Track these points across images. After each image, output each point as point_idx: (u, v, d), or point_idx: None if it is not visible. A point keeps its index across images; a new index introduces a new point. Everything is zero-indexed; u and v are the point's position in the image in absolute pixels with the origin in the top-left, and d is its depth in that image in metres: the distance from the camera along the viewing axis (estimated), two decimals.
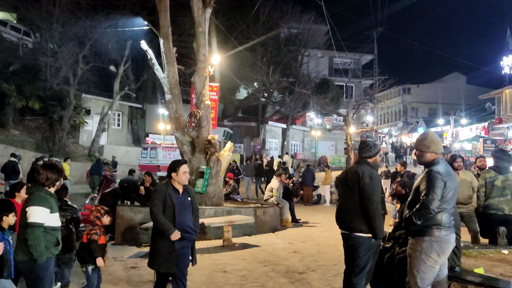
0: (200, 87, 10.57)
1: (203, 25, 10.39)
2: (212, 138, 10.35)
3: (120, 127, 29.81)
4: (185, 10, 22.97)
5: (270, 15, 30.37)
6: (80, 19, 24.29)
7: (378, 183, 4.35)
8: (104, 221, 5.13)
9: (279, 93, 35.53)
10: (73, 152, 23.87)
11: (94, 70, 28.79)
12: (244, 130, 33.92)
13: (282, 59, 32.23)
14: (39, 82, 23.14)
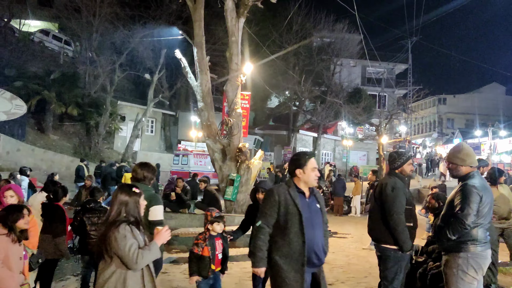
0: (232, 96, 10.68)
1: (236, 34, 10.52)
2: (243, 146, 10.42)
3: (153, 134, 30.44)
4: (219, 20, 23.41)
5: (303, 24, 30.42)
6: (118, 29, 25.12)
7: (401, 194, 4.23)
8: (216, 229, 4.46)
9: (310, 102, 35.38)
10: (107, 157, 24.53)
11: (129, 78, 29.67)
12: (275, 139, 33.91)
13: (314, 68, 32.14)
14: (78, 89, 24.04)
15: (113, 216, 2.92)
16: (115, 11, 25.65)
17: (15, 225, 3.64)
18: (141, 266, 2.89)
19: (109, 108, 24.00)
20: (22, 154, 19.24)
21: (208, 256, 4.30)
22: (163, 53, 25.82)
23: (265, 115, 37.35)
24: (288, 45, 27.95)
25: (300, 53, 31.04)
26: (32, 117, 22.22)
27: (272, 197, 3.41)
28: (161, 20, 26.87)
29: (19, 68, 23.60)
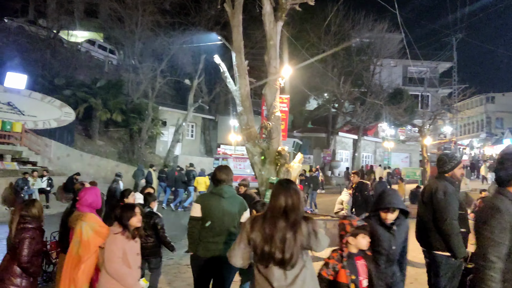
0: (271, 99, 10.69)
1: (275, 38, 10.53)
2: (282, 150, 10.40)
3: (194, 138, 31.00)
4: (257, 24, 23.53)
5: (341, 26, 30.07)
6: (159, 36, 25.83)
7: (454, 199, 4.08)
8: (360, 244, 3.32)
9: (350, 104, 34.87)
10: (150, 162, 25.22)
11: (170, 83, 30.42)
12: (314, 141, 33.65)
13: (353, 69, 31.67)
14: (122, 96, 24.91)
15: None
16: (156, 19, 26.42)
17: (129, 223, 3.80)
18: None
19: (151, 113, 24.68)
20: (71, 159, 20.13)
21: (347, 283, 3.19)
22: (202, 58, 26.29)
23: (304, 118, 37.17)
24: (326, 47, 27.72)
25: (339, 55, 30.68)
26: (80, 124, 23.21)
27: (503, 216, 2.43)
28: (200, 26, 27.40)
29: (68, 77, 24.77)
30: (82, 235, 4.20)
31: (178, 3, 27.35)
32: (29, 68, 22.66)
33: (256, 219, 2.92)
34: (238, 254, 2.96)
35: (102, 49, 31.97)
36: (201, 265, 4.20)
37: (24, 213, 3.92)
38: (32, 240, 3.79)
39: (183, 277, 7.23)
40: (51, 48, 27.90)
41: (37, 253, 3.85)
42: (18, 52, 24.51)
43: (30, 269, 3.76)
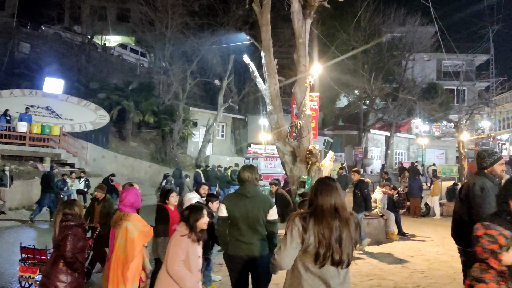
0: (300, 98, 10.63)
1: (303, 36, 10.47)
2: (313, 148, 10.32)
3: (224, 138, 31.24)
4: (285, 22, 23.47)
5: (371, 21, 29.52)
6: (189, 38, 26.17)
7: (491, 195, 3.90)
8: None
9: (381, 100, 34.19)
10: (182, 162, 25.61)
11: (200, 84, 30.76)
12: (345, 139, 33.23)
13: (384, 64, 31.04)
14: (153, 98, 25.40)
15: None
16: (185, 21, 26.77)
17: (196, 225, 3.73)
18: None
19: (182, 114, 25.03)
20: (106, 160, 20.69)
21: None
22: (232, 58, 26.44)
23: (334, 116, 36.73)
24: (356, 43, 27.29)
25: (369, 50, 30.12)
26: (113, 126, 23.84)
27: None
28: (228, 27, 27.56)
29: (102, 80, 25.48)
30: (127, 235, 4.33)
31: (207, 4, 27.60)
32: (65, 73, 23.46)
33: (306, 218, 2.82)
34: (290, 254, 2.81)
35: (133, 53, 32.72)
36: (233, 263, 4.29)
37: (66, 211, 4.07)
38: (74, 236, 3.92)
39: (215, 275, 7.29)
40: (85, 53, 28.79)
41: (80, 249, 3.97)
42: (55, 58, 25.42)
43: (74, 264, 3.89)
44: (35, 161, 17.80)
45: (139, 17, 30.23)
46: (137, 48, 33.14)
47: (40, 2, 30.47)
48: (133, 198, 4.57)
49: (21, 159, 17.42)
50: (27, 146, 17.35)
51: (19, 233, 11.95)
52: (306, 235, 2.76)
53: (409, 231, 11.62)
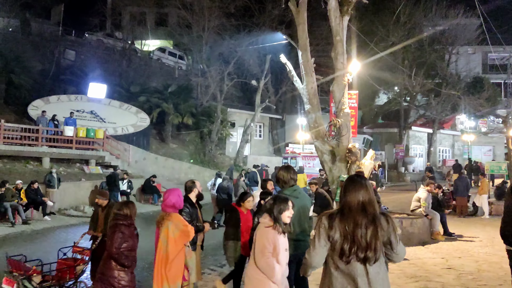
0: (339, 96, 10.47)
1: (341, 33, 10.29)
2: (353, 147, 10.14)
3: (262, 138, 31.30)
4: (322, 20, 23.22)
5: (411, 15, 28.66)
6: (225, 39, 26.43)
7: None
8: None
9: (423, 96, 33.17)
10: (220, 163, 25.88)
11: (237, 85, 30.98)
12: (385, 137, 32.48)
13: (426, 59, 30.07)
14: (192, 100, 25.84)
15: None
16: (222, 23, 27.05)
17: (280, 216, 3.67)
18: None
19: (220, 115, 25.30)
20: (148, 162, 21.25)
21: None
22: (268, 58, 26.45)
23: (374, 113, 35.98)
24: (395, 38, 26.59)
25: (410, 45, 29.28)
26: (154, 128, 24.43)
27: None
28: (264, 27, 27.63)
29: (142, 84, 26.18)
30: (169, 234, 4.44)
31: (243, 5, 27.79)
32: (108, 78, 24.28)
33: (332, 216, 2.86)
34: (319, 252, 2.85)
35: (172, 56, 33.41)
36: (290, 262, 4.33)
37: (116, 211, 4.25)
38: (120, 234, 4.07)
39: None
40: (126, 58, 29.69)
41: (130, 247, 4.11)
42: (98, 64, 26.37)
43: (119, 260, 4.04)
44: (81, 163, 18.53)
45: (176, 21, 30.86)
46: (175, 52, 33.82)
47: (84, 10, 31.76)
48: (175, 198, 4.67)
49: (69, 162, 18.18)
50: (74, 149, 18.08)
51: (68, 232, 12.48)
52: (331, 232, 2.80)
53: (456, 231, 11.18)
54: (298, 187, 4.58)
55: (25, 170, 16.20)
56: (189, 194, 5.29)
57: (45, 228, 12.75)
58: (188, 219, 4.90)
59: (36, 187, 13.84)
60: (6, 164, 16.03)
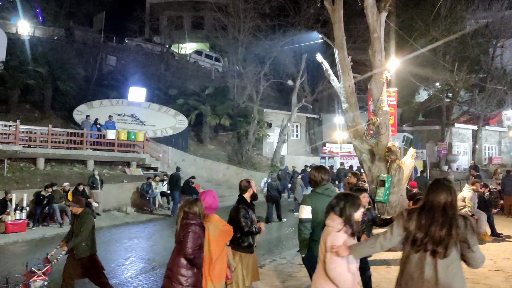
0: (377, 94, 10.28)
1: (378, 30, 10.11)
2: (392, 145, 9.93)
3: (299, 138, 31.16)
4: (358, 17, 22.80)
5: (452, 8, 27.64)
6: (261, 40, 26.51)
7: None
8: None
9: (466, 92, 31.91)
10: (258, 163, 25.98)
11: (273, 86, 31.02)
12: (426, 135, 31.52)
13: (469, 54, 28.89)
14: (228, 101, 26.10)
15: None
16: (257, 24, 27.17)
17: (352, 217, 3.33)
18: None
19: (256, 116, 25.41)
20: (186, 163, 21.64)
21: None
22: (304, 58, 26.31)
23: (414, 111, 34.96)
24: (435, 33, 25.73)
25: (451, 40, 28.25)
26: (192, 130, 24.86)
27: None
28: (300, 26, 27.47)
29: (180, 87, 26.72)
30: (209, 236, 4.52)
31: (277, 5, 27.77)
32: (147, 82, 24.94)
33: (412, 211, 3.13)
34: (393, 239, 3.13)
35: (208, 58, 33.89)
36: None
37: (186, 210, 4.32)
38: (194, 234, 4.15)
39: (297, 276, 7.29)
40: (164, 62, 30.40)
41: (199, 246, 4.19)
42: (138, 68, 27.15)
43: (193, 260, 4.14)
44: (123, 165, 19.13)
45: (212, 24, 31.26)
46: (211, 54, 34.29)
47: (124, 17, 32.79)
48: (211, 200, 4.75)
49: (111, 164, 18.81)
50: (116, 152, 18.69)
51: (112, 233, 12.93)
52: (408, 224, 3.08)
53: (504, 232, 10.69)
54: (331, 185, 4.52)
55: (71, 172, 16.91)
56: (244, 194, 5.21)
57: None
58: (245, 221, 4.92)
59: (81, 189, 14.44)
60: (54, 167, 16.80)
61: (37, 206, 13.10)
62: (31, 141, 16.57)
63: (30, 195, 13.55)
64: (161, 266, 8.69)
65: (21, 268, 8.63)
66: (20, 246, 11.05)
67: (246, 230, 4.93)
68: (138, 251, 10.47)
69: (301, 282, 6.89)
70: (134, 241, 11.70)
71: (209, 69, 32.58)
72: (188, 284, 4.14)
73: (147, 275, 8.15)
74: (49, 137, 16.87)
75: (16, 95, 19.87)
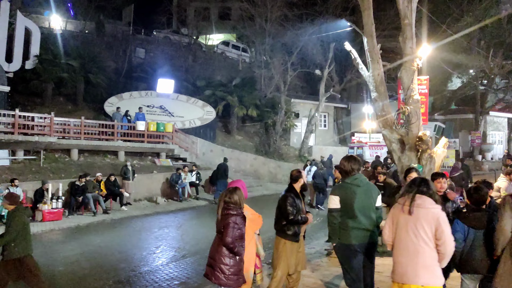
0: (407, 82, 10.03)
1: (409, 16, 9.82)
2: (423, 135, 9.69)
3: (327, 128, 30.87)
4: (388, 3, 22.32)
5: None
6: (288, 30, 26.29)
7: None
8: None
9: (502, 79, 30.73)
10: (285, 154, 25.93)
11: (300, 75, 30.78)
12: (459, 123, 30.64)
13: (505, 39, 27.76)
14: (256, 92, 26.08)
15: None
16: (284, 13, 26.94)
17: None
18: None
19: (283, 106, 25.30)
20: (214, 154, 21.84)
21: None
22: (332, 47, 25.93)
23: (446, 99, 33.98)
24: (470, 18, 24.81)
25: (486, 25, 27.18)
26: (219, 121, 25.02)
27: None
28: (327, 14, 27.08)
29: (207, 78, 26.88)
30: None
31: None
32: (175, 73, 25.22)
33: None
34: (508, 223, 3.74)
35: (235, 49, 33.91)
36: (352, 252, 4.35)
37: (227, 200, 4.37)
38: (235, 224, 4.22)
39: (325, 266, 7.29)
40: (192, 53, 30.62)
41: (240, 236, 4.26)
42: (166, 60, 27.47)
43: (234, 249, 4.22)
44: (152, 156, 19.49)
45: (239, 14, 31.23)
46: (238, 44, 34.29)
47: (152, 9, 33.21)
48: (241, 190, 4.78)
49: (141, 155, 19.21)
50: (146, 143, 19.06)
51: (143, 222, 13.25)
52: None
53: None
54: (361, 175, 4.51)
55: (104, 163, 17.37)
56: (294, 184, 5.23)
57: (122, 218, 13.64)
58: (291, 210, 4.94)
59: (113, 179, 14.83)
60: (87, 158, 17.31)
61: (71, 196, 13.56)
62: (65, 132, 17.10)
63: (65, 185, 14.02)
64: (191, 255, 8.86)
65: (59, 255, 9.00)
66: (56, 234, 11.49)
67: (291, 218, 4.93)
68: (169, 240, 10.70)
69: (330, 272, 6.89)
70: (164, 230, 11.96)
71: (236, 59, 32.60)
72: (231, 273, 4.23)
73: (177, 263, 8.33)
74: (81, 128, 17.36)
75: (50, 88, 20.50)
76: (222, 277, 4.20)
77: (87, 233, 11.49)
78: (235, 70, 30.16)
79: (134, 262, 8.48)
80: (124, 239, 10.82)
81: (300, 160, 25.22)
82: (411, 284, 3.46)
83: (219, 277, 4.21)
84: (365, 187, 4.43)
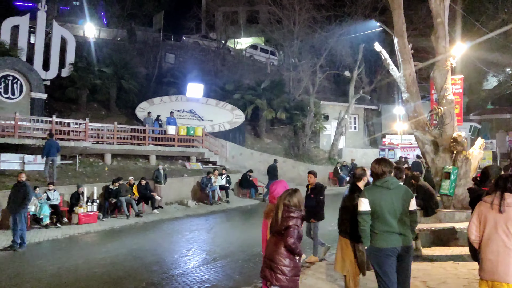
0: (440, 82, 9.79)
1: (442, 15, 9.59)
2: (458, 136, 9.42)
3: (357, 130, 30.46)
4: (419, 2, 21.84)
5: None
6: (316, 32, 26.13)
7: None
8: None
9: None
10: (315, 156, 25.74)
11: (329, 77, 30.51)
12: (495, 124, 29.59)
13: None
14: (284, 94, 26.03)
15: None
16: (312, 15, 26.81)
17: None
18: None
19: (313, 109, 25.14)
20: (244, 157, 21.91)
21: None
22: (361, 48, 25.60)
23: (481, 99, 32.90)
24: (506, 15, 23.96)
25: None
26: (248, 124, 25.10)
27: None
28: (356, 15, 26.76)
29: (236, 82, 27.05)
30: None
31: None
32: (204, 77, 25.50)
33: None
34: None
35: (263, 52, 33.97)
36: (385, 255, 4.28)
37: (286, 202, 4.39)
38: (296, 227, 4.27)
39: None
40: (220, 57, 30.89)
41: (300, 237, 4.31)
42: (195, 65, 27.82)
43: (296, 250, 4.26)
44: (183, 160, 19.76)
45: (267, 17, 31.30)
46: (266, 48, 34.35)
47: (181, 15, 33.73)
48: (282, 190, 4.82)
49: (172, 159, 19.51)
50: (176, 147, 19.34)
51: (174, 225, 13.43)
52: None
53: None
54: (391, 178, 4.42)
55: (136, 167, 17.75)
56: (358, 182, 5.20)
57: (154, 221, 13.87)
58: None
59: (144, 183, 15.12)
60: (120, 162, 17.73)
61: (105, 199, 13.91)
62: (99, 137, 17.59)
63: (99, 188, 14.40)
64: (221, 258, 8.91)
65: (94, 257, 9.25)
66: (92, 236, 11.80)
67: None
68: (200, 243, 10.80)
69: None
70: (195, 233, 12.07)
71: (265, 63, 32.67)
72: (292, 275, 4.24)
73: (208, 266, 8.39)
74: (114, 133, 17.81)
75: (84, 95, 21.16)
76: (284, 278, 4.20)
77: (121, 235, 11.74)
78: (264, 73, 30.22)
79: (166, 265, 8.59)
80: (156, 242, 11.00)
81: (330, 162, 24.97)
82: (503, 283, 3.42)
83: (281, 279, 4.20)
84: (396, 190, 4.35)
